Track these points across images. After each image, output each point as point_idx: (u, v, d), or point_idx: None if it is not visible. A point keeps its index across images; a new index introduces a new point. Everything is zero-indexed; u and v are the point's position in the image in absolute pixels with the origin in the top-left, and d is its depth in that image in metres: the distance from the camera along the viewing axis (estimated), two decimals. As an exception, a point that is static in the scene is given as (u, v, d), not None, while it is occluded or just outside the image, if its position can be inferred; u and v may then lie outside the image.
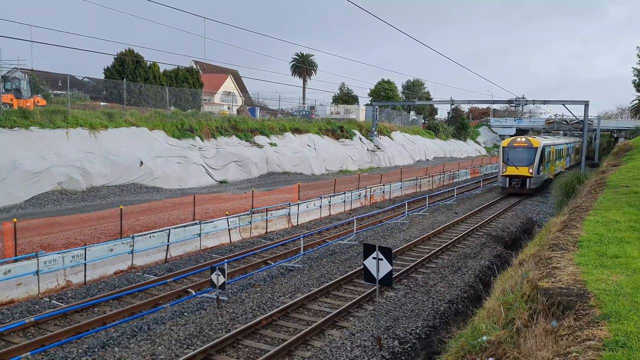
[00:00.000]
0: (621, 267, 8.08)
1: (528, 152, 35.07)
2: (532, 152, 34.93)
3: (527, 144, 35.30)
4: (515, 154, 35.39)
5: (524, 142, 35.60)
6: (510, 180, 35.38)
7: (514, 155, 35.34)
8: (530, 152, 35.01)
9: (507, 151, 35.70)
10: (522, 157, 35.02)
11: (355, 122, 60.63)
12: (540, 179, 35.61)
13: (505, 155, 35.77)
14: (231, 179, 36.34)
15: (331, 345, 10.76)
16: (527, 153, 35.06)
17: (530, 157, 34.84)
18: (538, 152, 34.70)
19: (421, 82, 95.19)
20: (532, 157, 34.82)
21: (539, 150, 34.73)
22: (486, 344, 7.21)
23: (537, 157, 34.66)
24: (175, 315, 12.40)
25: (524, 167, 34.87)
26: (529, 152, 35.04)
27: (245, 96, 78.87)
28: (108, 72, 45.84)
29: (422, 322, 12.28)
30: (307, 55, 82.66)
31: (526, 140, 35.74)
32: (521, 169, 34.95)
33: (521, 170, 34.95)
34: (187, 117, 37.76)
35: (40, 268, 13.46)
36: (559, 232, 11.30)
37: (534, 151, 34.87)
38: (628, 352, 5.17)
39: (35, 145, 26.12)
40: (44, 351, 10.36)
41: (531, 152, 34.96)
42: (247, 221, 21.08)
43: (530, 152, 34.99)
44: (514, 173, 35.14)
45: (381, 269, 10.38)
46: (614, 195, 16.11)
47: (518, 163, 35.08)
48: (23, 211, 22.80)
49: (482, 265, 17.56)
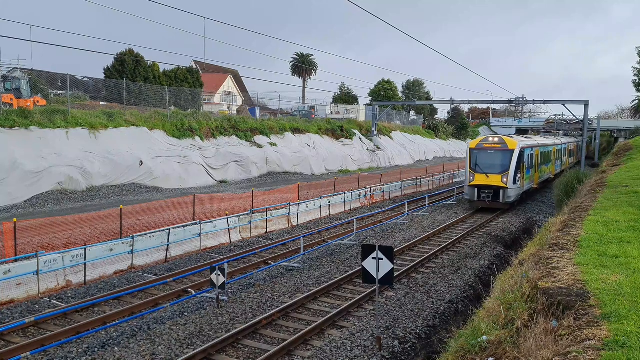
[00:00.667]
0: (621, 267, 8.08)
1: (502, 155, 27.84)
2: (507, 155, 27.69)
3: (500, 145, 28.06)
4: (485, 158, 28.04)
5: (496, 143, 28.21)
6: (479, 191, 27.88)
7: (483, 159, 28.03)
8: (504, 155, 27.78)
9: (475, 154, 28.34)
10: (494, 162, 27.83)
11: (355, 122, 60.64)
12: (518, 190, 28.45)
13: (472, 159, 28.36)
14: (231, 179, 36.33)
15: (331, 345, 10.76)
16: (501, 157, 27.83)
17: (505, 162, 27.56)
18: (515, 155, 27.57)
19: (421, 82, 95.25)
20: (506, 162, 27.54)
21: (516, 153, 27.64)
22: (486, 343, 7.21)
23: (513, 162, 27.45)
24: (175, 315, 12.40)
25: (496, 174, 27.44)
26: (503, 156, 27.79)
27: (245, 96, 78.89)
28: (108, 72, 45.83)
29: (422, 322, 12.28)
30: (307, 55, 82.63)
31: (500, 140, 28.38)
32: (493, 178, 27.47)
33: (493, 179, 27.49)
34: (187, 117, 37.76)
35: (40, 268, 13.46)
36: (559, 232, 11.30)
37: (509, 154, 27.66)
38: (628, 352, 5.17)
39: (35, 145, 26.12)
40: (44, 351, 10.36)
41: (506, 156, 27.72)
42: (247, 221, 21.08)
43: (504, 156, 27.76)
44: (484, 183, 27.64)
45: (382, 269, 10.38)
46: (614, 195, 16.11)
47: (489, 170, 27.68)
48: (23, 211, 22.80)
49: (482, 265, 17.56)
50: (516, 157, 27.58)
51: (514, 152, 27.67)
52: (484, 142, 28.85)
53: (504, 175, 27.42)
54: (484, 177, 27.78)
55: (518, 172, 27.94)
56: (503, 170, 27.55)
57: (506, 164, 27.58)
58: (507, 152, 27.84)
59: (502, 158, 27.79)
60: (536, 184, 33.52)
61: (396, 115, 74.03)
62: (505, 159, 27.70)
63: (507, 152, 27.84)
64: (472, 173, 28.15)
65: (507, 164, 27.54)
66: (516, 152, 27.69)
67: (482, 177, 27.81)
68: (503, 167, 27.63)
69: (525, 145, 29.67)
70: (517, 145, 27.94)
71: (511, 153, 27.71)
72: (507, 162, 27.57)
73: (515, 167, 27.51)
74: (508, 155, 27.72)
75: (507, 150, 27.88)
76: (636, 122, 78.26)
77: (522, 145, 28.76)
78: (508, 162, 27.57)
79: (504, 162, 27.68)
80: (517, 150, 27.74)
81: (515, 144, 28.07)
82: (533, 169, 32.01)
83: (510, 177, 27.38)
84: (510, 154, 27.72)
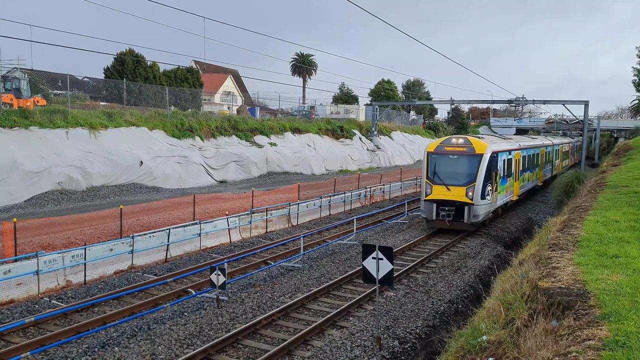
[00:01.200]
0: (621, 267, 8.09)
1: (467, 161, 21.67)
2: (474, 161, 21.49)
3: (465, 149, 21.94)
4: (446, 164, 22.02)
5: (460, 146, 22.11)
6: (437, 208, 21.73)
7: (444, 166, 22.02)
8: (470, 161, 21.60)
9: (434, 160, 22.22)
10: (457, 171, 21.84)
11: (355, 122, 60.66)
12: (488, 206, 22.01)
13: (430, 166, 22.28)
14: (231, 179, 36.34)
15: (331, 345, 10.76)
16: (466, 163, 21.68)
17: (471, 171, 21.46)
18: (483, 161, 21.32)
19: (421, 82, 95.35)
20: (472, 169, 21.42)
21: (486, 159, 21.38)
22: (486, 343, 7.21)
23: (481, 171, 21.25)
24: (175, 315, 12.40)
25: (459, 187, 21.42)
26: (468, 162, 21.64)
27: (245, 96, 78.90)
28: (108, 72, 45.84)
29: (422, 322, 12.28)
30: (307, 55, 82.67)
31: (465, 142, 22.18)
32: (455, 191, 21.45)
33: (455, 192, 21.45)
34: (187, 117, 37.76)
35: (40, 268, 13.46)
36: (559, 232, 11.31)
37: (476, 160, 21.45)
38: (628, 352, 5.17)
39: (35, 145, 26.11)
40: (44, 351, 10.36)
41: (472, 162, 21.54)
42: (247, 221, 21.08)
43: (470, 162, 21.60)
44: (444, 197, 21.60)
45: (381, 269, 10.38)
46: (614, 195, 16.12)
47: (450, 180, 21.71)
48: (23, 211, 22.80)
49: (482, 265, 17.56)
50: (485, 164, 21.31)
51: (483, 157, 21.39)
52: (446, 143, 22.47)
53: (469, 187, 21.17)
54: (443, 190, 21.58)
55: (488, 184, 21.62)
56: (468, 181, 21.31)
57: (472, 173, 21.34)
58: (474, 158, 21.55)
59: (467, 165, 21.63)
60: (517, 195, 27.51)
61: (396, 115, 74.04)
62: (471, 166, 21.50)
63: (474, 158, 21.55)
64: (429, 184, 21.98)
65: (474, 172, 21.29)
66: (485, 157, 21.42)
67: (441, 190, 21.64)
68: (468, 176, 21.41)
69: (499, 148, 23.51)
70: (487, 149, 21.73)
71: (479, 159, 21.39)
72: (474, 171, 21.32)
73: (484, 177, 21.24)
74: (475, 162, 21.43)
75: (474, 155, 21.61)
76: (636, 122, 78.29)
77: (495, 149, 22.58)
78: (475, 171, 21.29)
79: (469, 171, 21.47)
80: (486, 155, 21.49)
81: (485, 146, 21.87)
82: (512, 177, 25.90)
83: (478, 190, 21.08)
84: (478, 159, 21.39)
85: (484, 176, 21.34)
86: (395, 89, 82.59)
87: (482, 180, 21.28)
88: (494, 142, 24.27)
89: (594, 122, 67.39)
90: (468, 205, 21.24)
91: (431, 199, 21.87)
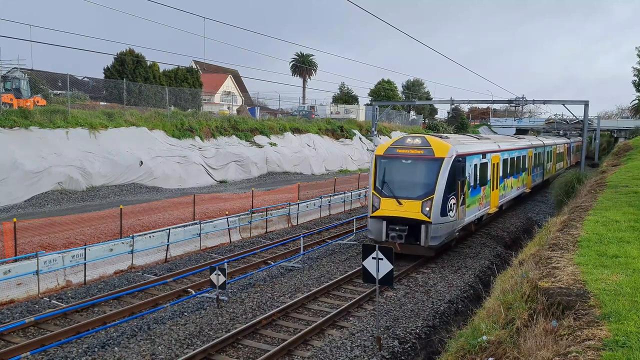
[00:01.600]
0: (621, 267, 8.08)
1: (424, 167, 17.39)
2: (433, 167, 17.18)
3: (422, 152, 17.48)
4: (397, 171, 17.68)
5: (416, 148, 17.67)
6: (387, 227, 17.30)
7: (395, 173, 17.68)
8: (428, 167, 17.31)
9: (384, 166, 17.86)
10: (412, 180, 17.50)
11: (355, 122, 60.68)
12: (452, 223, 17.48)
13: (379, 173, 17.86)
14: (231, 179, 36.34)
15: (331, 345, 10.77)
16: (423, 170, 17.41)
17: (428, 180, 17.14)
18: (445, 167, 17.00)
19: (421, 82, 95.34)
20: (430, 178, 17.10)
21: (448, 165, 17.04)
22: (486, 343, 7.21)
23: (442, 179, 16.88)
24: (175, 315, 12.40)
25: (413, 200, 16.98)
26: (426, 169, 17.35)
27: (245, 96, 78.91)
28: (108, 72, 45.86)
29: (422, 322, 12.28)
30: (307, 55, 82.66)
31: (422, 143, 17.72)
32: (408, 205, 17.01)
33: (408, 207, 17.00)
34: (187, 117, 37.78)
35: (40, 268, 13.46)
36: (559, 232, 11.31)
37: (435, 166, 17.14)
38: (628, 352, 5.17)
39: (35, 145, 26.12)
40: (44, 351, 10.37)
41: (430, 169, 17.24)
42: (247, 221, 21.08)
43: (428, 169, 17.31)
44: (394, 213, 17.11)
45: (382, 269, 10.38)
46: (614, 195, 16.11)
47: (402, 192, 17.27)
48: (23, 211, 22.80)
49: (482, 265, 17.56)
50: (447, 171, 16.92)
51: (444, 162, 17.00)
52: (399, 145, 18.05)
53: (425, 201, 16.74)
54: (393, 204, 17.14)
55: (452, 195, 17.19)
56: (425, 193, 16.87)
57: (430, 182, 16.97)
58: (432, 163, 17.17)
59: (423, 172, 17.32)
60: (495, 206, 22.66)
61: (396, 115, 74.04)
62: (428, 173, 17.18)
63: (432, 163, 17.17)
64: (377, 197, 17.51)
65: (432, 181, 16.93)
66: (447, 162, 17.02)
67: (391, 204, 17.20)
68: (425, 187, 17.03)
69: (468, 151, 18.93)
70: (449, 151, 17.25)
71: (438, 164, 17.03)
72: (432, 179, 16.96)
73: (445, 187, 16.83)
74: (433, 168, 17.08)
75: (432, 159, 17.20)
76: (636, 122, 78.26)
77: (461, 151, 18.14)
78: (433, 179, 16.93)
79: (426, 179, 17.14)
80: (448, 160, 17.06)
81: (446, 148, 17.38)
82: (488, 185, 21.23)
83: (437, 204, 16.66)
84: (437, 165, 17.04)
85: (446, 186, 16.83)
86: (395, 89, 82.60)
87: (443, 191, 16.75)
88: (462, 143, 19.43)
89: (594, 122, 67.40)
90: (425, 224, 16.65)
91: (379, 216, 17.27)
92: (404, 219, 17.09)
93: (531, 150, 30.80)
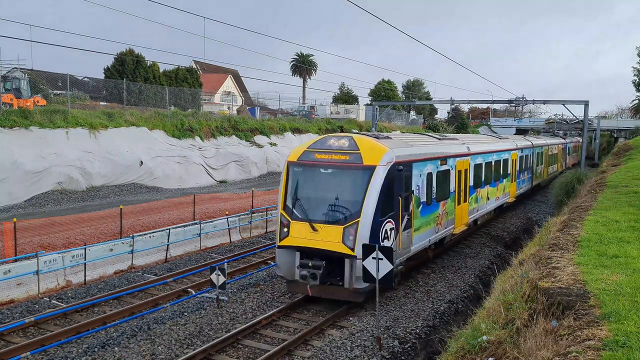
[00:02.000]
0: (621, 267, 8.09)
1: (350, 179, 12.86)
2: (361, 179, 12.57)
3: (348, 157, 12.82)
4: (314, 184, 13.20)
5: (340, 151, 12.95)
6: (301, 261, 12.62)
7: (311, 188, 13.18)
8: (354, 179, 12.76)
9: (297, 175, 13.40)
10: (331, 196, 12.71)
11: (355, 122, 60.68)
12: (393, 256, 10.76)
13: (290, 187, 13.37)
14: (231, 179, 36.35)
15: (331, 345, 10.77)
16: (348, 183, 12.87)
17: (354, 197, 12.53)
18: (378, 179, 12.37)
19: (421, 82, 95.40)
20: (357, 195, 12.47)
21: (383, 175, 12.44)
22: (486, 343, 7.21)
23: (373, 197, 12.23)
24: (175, 315, 12.41)
25: (332, 225, 12.41)
26: (350, 181, 12.84)
27: (245, 96, 78.93)
28: (108, 72, 45.88)
29: (422, 322, 12.28)
30: (307, 55, 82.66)
31: (349, 146, 12.99)
32: (326, 233, 12.37)
33: (325, 234, 12.35)
34: (187, 117, 37.80)
35: (40, 268, 13.47)
36: (559, 232, 11.31)
37: (364, 177, 12.53)
38: (628, 352, 5.17)
39: (35, 145, 26.13)
40: (44, 351, 10.37)
41: (357, 181, 12.64)
42: (247, 221, 21.08)
43: (354, 182, 12.75)
44: (308, 243, 12.48)
45: (381, 268, 10.37)
46: (614, 195, 16.11)
47: (319, 213, 12.71)
48: (23, 211, 22.81)
49: (482, 265, 17.56)
50: (381, 184, 12.30)
51: (375, 172, 12.38)
52: (319, 147, 13.31)
53: (348, 227, 12.16)
54: (307, 231, 12.48)
55: (387, 219, 12.58)
56: (348, 216, 12.33)
57: (356, 201, 12.35)
58: (360, 173, 12.56)
59: (347, 186, 12.73)
60: (464, 224, 18.41)
61: (396, 115, 74.05)
62: (354, 188, 12.59)
63: (360, 173, 12.56)
64: (287, 219, 12.83)
65: (358, 199, 12.31)
66: (380, 171, 12.40)
67: (304, 230, 12.53)
68: (349, 207, 12.40)
69: (414, 156, 14.23)
70: (383, 157, 12.63)
71: (367, 175, 12.42)
72: (358, 197, 12.34)
73: (377, 208, 12.18)
74: (360, 180, 12.50)
75: (360, 168, 12.56)
76: (636, 122, 78.27)
77: (403, 157, 13.44)
78: (360, 197, 12.31)
79: (351, 197, 12.53)
80: (382, 169, 12.45)
81: (381, 153, 12.76)
82: (451, 199, 16.81)
83: (364, 232, 12.02)
84: (366, 176, 12.42)
85: (378, 205, 12.03)
86: (395, 89, 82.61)
87: (373, 212, 11.96)
88: (409, 145, 14.64)
89: (594, 122, 67.37)
90: (350, 259, 11.92)
91: (288, 246, 12.50)
92: (319, 251, 12.12)
93: (516, 152, 26.75)
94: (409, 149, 14.40)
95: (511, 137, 32.15)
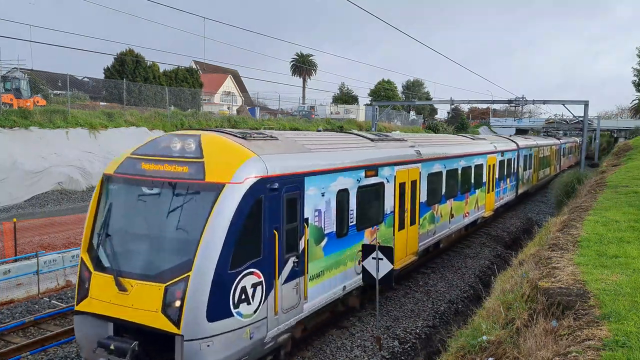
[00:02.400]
0: (621, 267, 8.08)
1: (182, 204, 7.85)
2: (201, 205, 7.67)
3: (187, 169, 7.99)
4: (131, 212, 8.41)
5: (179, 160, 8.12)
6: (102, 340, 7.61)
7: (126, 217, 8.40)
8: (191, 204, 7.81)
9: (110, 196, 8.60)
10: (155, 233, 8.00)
11: (355, 122, 60.69)
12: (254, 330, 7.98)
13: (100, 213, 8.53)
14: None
15: (331, 345, 10.76)
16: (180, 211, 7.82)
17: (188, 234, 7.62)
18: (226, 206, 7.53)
19: (421, 82, 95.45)
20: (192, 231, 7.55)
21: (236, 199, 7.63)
22: (486, 343, 7.21)
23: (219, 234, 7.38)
24: None
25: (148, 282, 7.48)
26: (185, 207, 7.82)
27: (245, 96, 78.94)
28: (108, 72, 45.91)
29: (422, 322, 12.28)
30: (307, 55, 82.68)
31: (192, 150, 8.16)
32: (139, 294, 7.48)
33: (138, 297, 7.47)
34: (187, 117, 37.81)
35: (40, 268, 13.47)
36: (559, 232, 11.31)
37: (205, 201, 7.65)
38: (628, 352, 5.17)
39: (35, 145, 26.14)
40: (44, 351, 10.37)
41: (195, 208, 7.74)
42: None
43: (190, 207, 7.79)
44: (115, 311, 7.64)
45: (381, 268, 10.36)
46: (614, 195, 16.11)
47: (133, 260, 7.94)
48: (23, 211, 22.81)
49: (482, 265, 17.56)
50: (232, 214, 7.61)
51: (224, 193, 7.69)
52: (150, 151, 8.63)
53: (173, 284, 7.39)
54: (112, 288, 7.78)
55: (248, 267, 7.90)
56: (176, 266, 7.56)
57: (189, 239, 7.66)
58: (200, 196, 7.90)
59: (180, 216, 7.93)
60: (413, 253, 14.34)
61: (396, 115, 74.06)
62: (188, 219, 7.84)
63: (200, 196, 7.90)
64: (87, 268, 8.18)
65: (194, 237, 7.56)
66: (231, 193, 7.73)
67: (108, 288, 7.84)
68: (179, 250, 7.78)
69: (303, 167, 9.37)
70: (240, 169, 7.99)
71: (211, 197, 7.71)
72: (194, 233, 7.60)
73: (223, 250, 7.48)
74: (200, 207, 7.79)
75: (200, 186, 7.90)
76: (636, 122, 78.34)
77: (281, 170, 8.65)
78: (196, 233, 7.55)
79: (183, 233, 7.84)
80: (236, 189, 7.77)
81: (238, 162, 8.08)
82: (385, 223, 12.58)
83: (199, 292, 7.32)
84: (209, 199, 7.72)
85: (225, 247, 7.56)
86: (395, 89, 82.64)
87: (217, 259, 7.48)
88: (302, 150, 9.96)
89: (594, 122, 67.41)
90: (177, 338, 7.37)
91: (86, 312, 8.12)
92: (130, 324, 7.73)
93: (494, 156, 22.13)
94: (298, 156, 9.56)
95: (489, 138, 27.44)
